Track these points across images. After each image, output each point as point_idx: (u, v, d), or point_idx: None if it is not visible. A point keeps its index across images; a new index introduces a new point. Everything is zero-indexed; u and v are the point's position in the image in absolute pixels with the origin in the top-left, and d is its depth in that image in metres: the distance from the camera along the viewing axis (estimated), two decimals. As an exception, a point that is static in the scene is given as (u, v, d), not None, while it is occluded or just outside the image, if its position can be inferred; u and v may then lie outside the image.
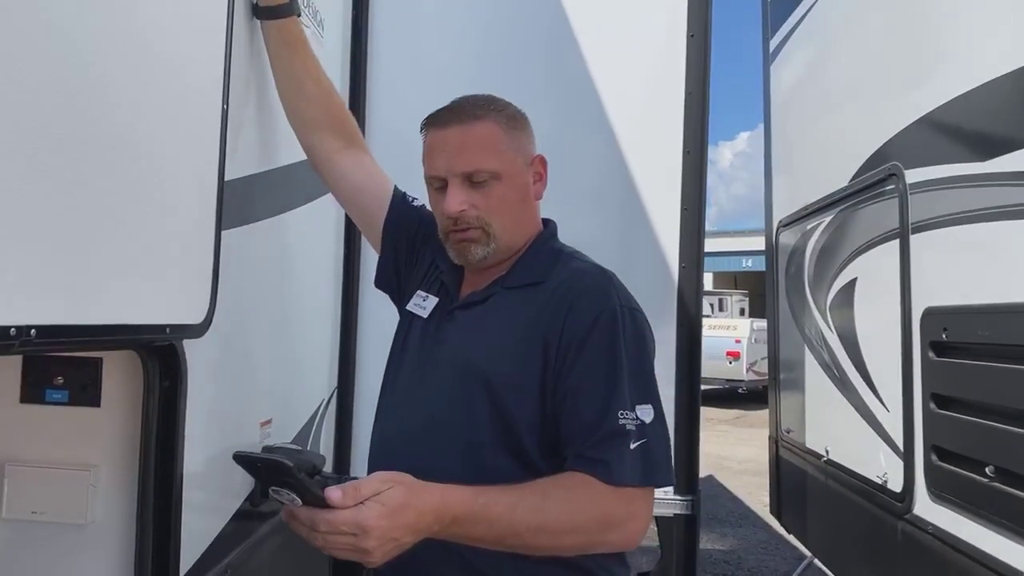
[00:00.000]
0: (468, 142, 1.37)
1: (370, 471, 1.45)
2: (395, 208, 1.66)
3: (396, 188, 1.70)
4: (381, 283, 1.71)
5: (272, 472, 1.05)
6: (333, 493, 1.03)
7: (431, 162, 1.42)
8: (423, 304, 1.53)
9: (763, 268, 4.08)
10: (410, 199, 1.70)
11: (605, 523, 1.23)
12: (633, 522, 1.26)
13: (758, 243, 4.06)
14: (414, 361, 1.48)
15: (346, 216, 2.55)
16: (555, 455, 1.31)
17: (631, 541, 1.28)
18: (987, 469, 1.74)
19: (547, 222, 1.56)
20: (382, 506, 1.05)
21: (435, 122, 1.43)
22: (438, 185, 1.42)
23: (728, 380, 14.73)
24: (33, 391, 1.41)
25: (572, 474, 1.24)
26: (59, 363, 1.40)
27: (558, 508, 1.20)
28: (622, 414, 1.25)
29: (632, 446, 1.24)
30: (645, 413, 1.27)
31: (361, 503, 1.05)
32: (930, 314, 2.04)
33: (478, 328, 1.41)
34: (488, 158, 1.38)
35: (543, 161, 1.51)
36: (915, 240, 2.15)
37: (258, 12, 1.64)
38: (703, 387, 2.58)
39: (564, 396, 1.29)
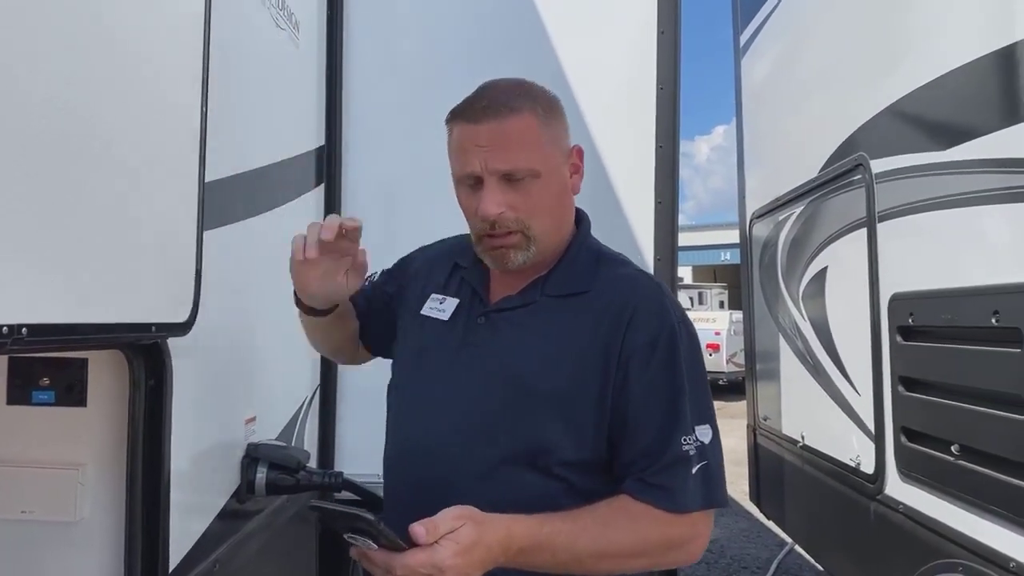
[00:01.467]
0: (505, 138, 1.23)
1: (392, 476, 1.40)
2: (363, 314, 1.56)
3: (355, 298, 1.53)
4: (382, 352, 1.59)
5: (350, 521, 1.07)
6: (418, 529, 1.04)
7: (463, 160, 1.27)
8: (441, 307, 1.41)
9: (740, 260, 4.14)
10: (366, 287, 1.54)
11: (668, 547, 1.23)
12: (696, 541, 1.26)
13: (736, 236, 4.11)
14: (438, 364, 1.36)
15: (325, 214, 2.58)
16: (590, 471, 1.27)
17: (693, 558, 1.28)
18: (952, 448, 1.80)
19: (579, 215, 1.44)
20: (456, 544, 1.06)
21: (465, 116, 1.27)
22: (471, 183, 1.28)
23: (708, 372, 14.81)
24: (19, 393, 1.43)
25: (633, 500, 1.22)
26: (45, 364, 1.42)
27: (620, 536, 1.19)
28: (684, 439, 1.22)
29: (694, 471, 1.22)
30: (704, 434, 1.25)
31: (436, 543, 1.05)
32: (897, 299, 2.10)
33: (523, 337, 1.31)
34: (527, 155, 1.24)
35: (580, 152, 1.37)
36: (882, 228, 2.21)
37: (311, 312, 1.44)
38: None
39: (624, 419, 1.24)
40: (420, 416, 1.35)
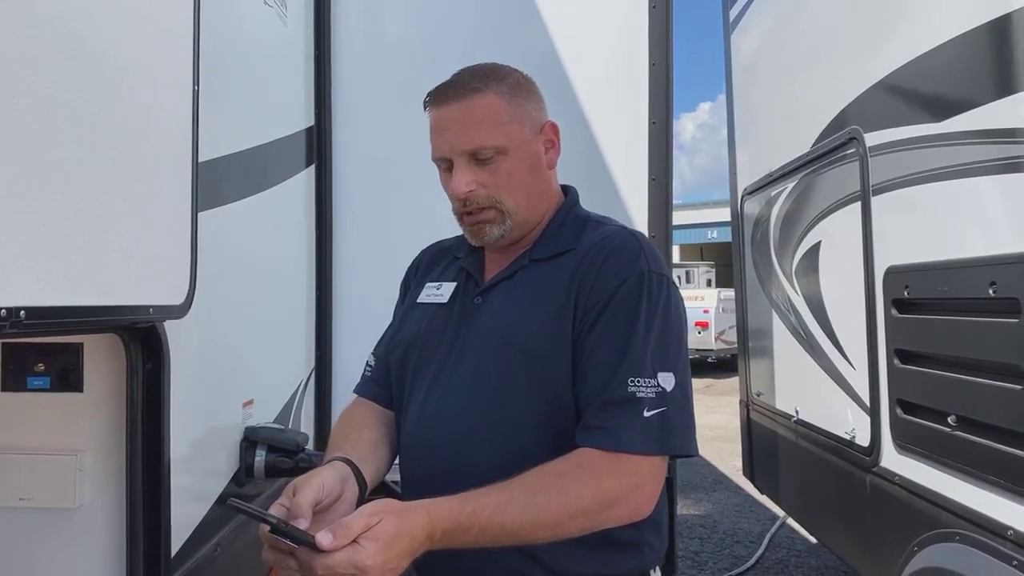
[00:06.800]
0: (468, 119, 1.30)
1: (408, 468, 1.37)
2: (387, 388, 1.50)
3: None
4: None
5: (264, 521, 1.04)
6: (324, 538, 1.00)
7: (435, 143, 1.34)
8: (439, 292, 1.44)
9: (728, 239, 4.14)
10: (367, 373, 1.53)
11: (606, 501, 1.17)
12: (638, 492, 1.20)
13: (723, 214, 4.11)
14: (439, 349, 1.37)
15: (316, 195, 2.56)
16: None
17: (639, 512, 1.22)
18: (948, 419, 1.82)
19: (567, 189, 1.48)
20: (375, 542, 1.02)
21: (435, 100, 1.34)
22: (444, 166, 1.35)
23: (697, 350, 14.93)
24: (14, 379, 1.42)
25: (568, 457, 1.19)
26: (40, 350, 1.40)
27: (551, 500, 1.13)
28: (633, 381, 1.19)
29: (647, 414, 1.19)
30: (666, 381, 1.21)
31: (355, 542, 1.02)
32: (892, 272, 2.10)
33: (510, 303, 1.33)
34: (491, 133, 1.30)
35: (554, 127, 1.41)
36: (876, 201, 2.21)
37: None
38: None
39: (579, 361, 1.24)
40: (426, 405, 1.34)
